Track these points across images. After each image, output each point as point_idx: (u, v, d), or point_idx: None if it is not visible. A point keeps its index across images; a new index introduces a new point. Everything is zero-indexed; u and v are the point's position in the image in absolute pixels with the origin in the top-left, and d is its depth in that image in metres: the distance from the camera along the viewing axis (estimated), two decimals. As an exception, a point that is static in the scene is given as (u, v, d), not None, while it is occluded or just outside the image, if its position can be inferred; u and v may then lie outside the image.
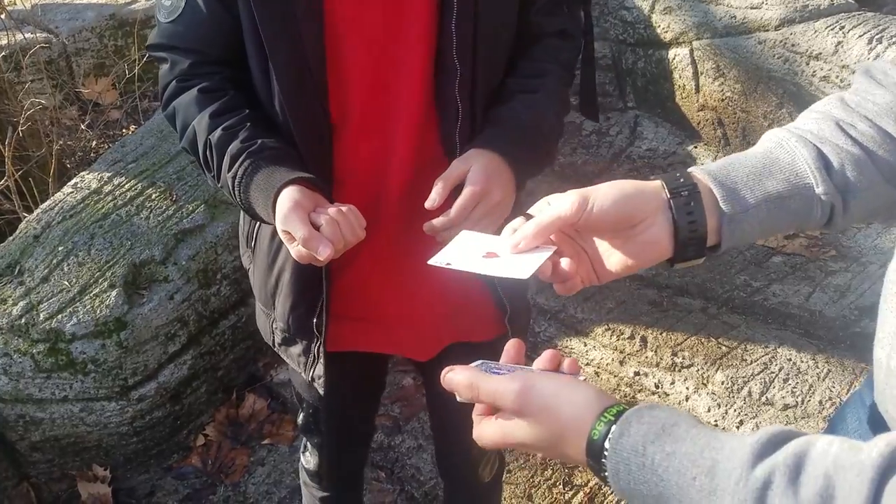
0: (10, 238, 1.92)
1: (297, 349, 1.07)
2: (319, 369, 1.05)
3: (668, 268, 0.68)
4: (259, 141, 0.89)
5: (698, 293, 1.95)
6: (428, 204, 0.85)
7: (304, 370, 1.08)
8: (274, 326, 1.09)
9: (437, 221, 0.86)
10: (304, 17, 0.87)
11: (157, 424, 1.92)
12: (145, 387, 1.86)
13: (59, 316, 1.75)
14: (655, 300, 1.94)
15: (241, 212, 1.13)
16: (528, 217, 0.67)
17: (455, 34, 0.88)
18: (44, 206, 1.97)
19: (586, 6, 1.01)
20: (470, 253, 0.69)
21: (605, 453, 0.53)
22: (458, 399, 0.63)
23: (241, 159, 0.88)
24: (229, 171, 0.89)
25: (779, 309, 1.90)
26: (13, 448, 1.87)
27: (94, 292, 1.78)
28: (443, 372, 0.63)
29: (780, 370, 1.73)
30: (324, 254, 0.80)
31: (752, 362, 1.75)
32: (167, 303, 1.85)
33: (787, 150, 0.65)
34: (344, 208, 0.83)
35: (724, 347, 1.80)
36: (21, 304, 1.76)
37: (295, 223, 0.82)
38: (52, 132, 2.29)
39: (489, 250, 0.68)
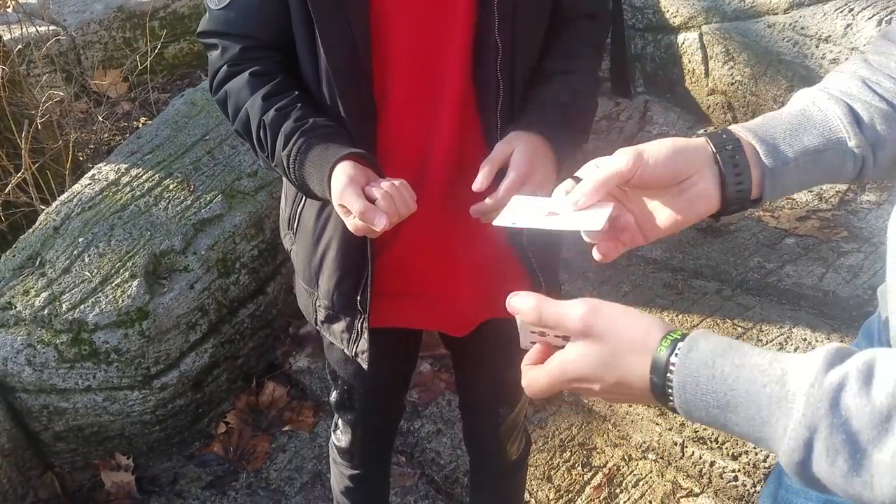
0: (30, 230, 1.93)
1: (340, 326, 1.09)
2: (363, 345, 1.07)
3: (714, 221, 0.70)
4: (311, 120, 0.92)
5: (713, 275, 1.96)
6: (475, 186, 0.87)
7: (347, 346, 1.10)
8: (317, 304, 1.11)
9: (484, 204, 0.88)
10: (350, 1, 0.89)
11: (179, 412, 1.95)
12: (167, 375, 1.88)
13: (82, 306, 1.76)
14: (670, 283, 1.96)
15: (282, 195, 1.15)
16: (577, 179, 0.69)
17: (497, 13, 0.90)
18: (62, 198, 1.98)
19: None
20: (531, 213, 0.71)
21: (672, 367, 0.55)
22: (521, 325, 0.63)
23: (294, 137, 0.90)
24: (284, 149, 0.91)
25: (793, 290, 1.92)
26: (37, 438, 1.89)
27: (115, 282, 1.80)
28: (508, 298, 0.64)
29: (795, 350, 1.75)
30: (380, 224, 0.83)
31: (767, 343, 1.77)
32: (188, 292, 1.86)
33: (820, 107, 0.69)
34: (396, 182, 0.86)
35: (739, 328, 1.81)
36: (43, 295, 1.78)
37: (351, 197, 0.84)
38: (67, 125, 2.30)
39: (549, 210, 0.69)
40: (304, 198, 1.06)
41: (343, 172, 0.86)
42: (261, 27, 0.95)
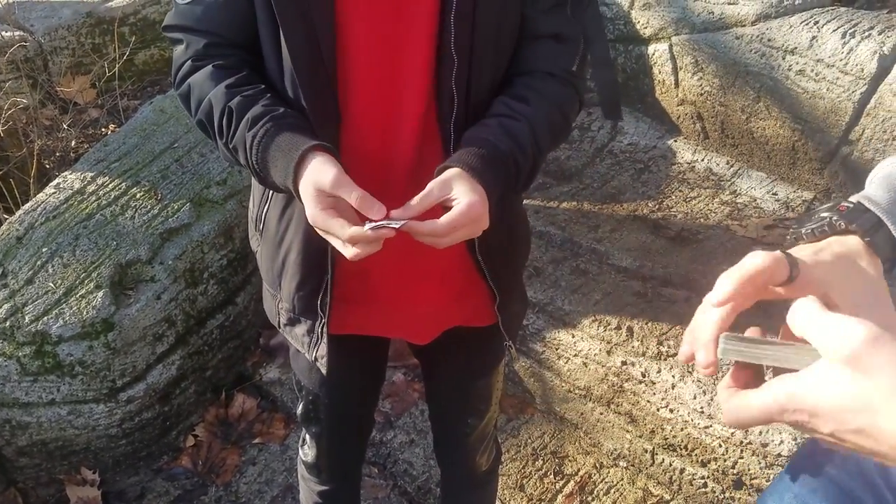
0: (-8, 240, 1.89)
1: (301, 329, 1.08)
2: (323, 349, 1.06)
3: None
4: (282, 109, 0.91)
5: (682, 284, 1.98)
6: (399, 213, 0.86)
7: (307, 350, 1.09)
8: (280, 307, 1.10)
9: (423, 225, 0.85)
10: (315, 5, 0.88)
11: (146, 426, 1.91)
12: (134, 388, 1.84)
13: (45, 318, 1.72)
14: (640, 291, 1.97)
15: (251, 195, 1.13)
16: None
17: (454, 26, 0.90)
18: (26, 207, 1.94)
19: (593, 8, 1.01)
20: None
21: None
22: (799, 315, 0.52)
23: (263, 121, 0.89)
24: (249, 130, 0.89)
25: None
26: (-1, 453, 1.84)
27: (79, 293, 1.76)
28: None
29: (763, 357, 1.77)
30: (380, 213, 0.83)
31: (736, 350, 1.79)
32: (154, 303, 1.83)
33: None
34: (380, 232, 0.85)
35: (708, 336, 1.83)
36: (5, 306, 1.74)
37: (349, 186, 0.84)
38: (31, 132, 2.26)
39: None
40: (269, 198, 1.05)
41: (332, 163, 0.85)
42: (227, 24, 0.94)
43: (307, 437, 1.29)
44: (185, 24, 0.96)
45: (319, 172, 0.85)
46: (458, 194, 0.86)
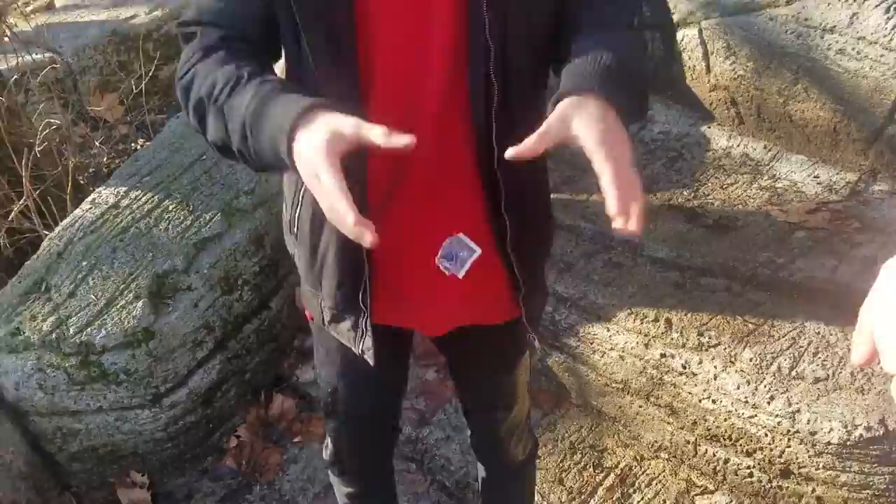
0: (35, 256, 1.95)
1: (346, 325, 1.10)
2: (368, 342, 1.08)
3: None
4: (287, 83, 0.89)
5: (721, 272, 1.93)
6: (513, 152, 0.79)
7: (353, 344, 1.11)
8: (322, 305, 1.12)
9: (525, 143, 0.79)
10: (335, 4, 0.88)
11: (190, 429, 1.96)
12: (177, 393, 1.89)
13: (89, 329, 1.77)
14: (678, 282, 1.93)
15: (283, 200, 1.12)
16: None
17: (487, 15, 0.87)
18: (64, 223, 2.00)
19: None
20: None
21: None
22: None
23: (270, 80, 0.86)
24: (250, 83, 0.85)
25: (805, 283, 1.88)
26: (53, 459, 1.91)
27: (120, 304, 1.81)
28: None
29: (808, 344, 1.72)
30: (410, 140, 0.76)
31: (779, 338, 1.74)
32: (192, 310, 1.87)
33: None
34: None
35: (750, 325, 1.79)
36: (50, 319, 1.79)
37: (369, 125, 0.76)
38: (66, 150, 2.32)
39: None
40: (300, 201, 1.05)
41: (330, 119, 0.77)
42: (244, 19, 0.93)
43: (328, 435, 1.31)
44: (203, 18, 0.95)
45: (337, 116, 0.77)
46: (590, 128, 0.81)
